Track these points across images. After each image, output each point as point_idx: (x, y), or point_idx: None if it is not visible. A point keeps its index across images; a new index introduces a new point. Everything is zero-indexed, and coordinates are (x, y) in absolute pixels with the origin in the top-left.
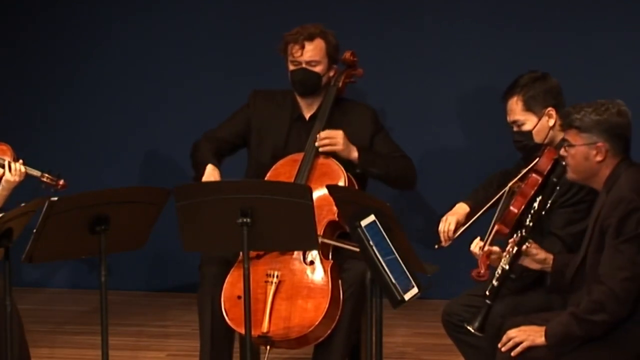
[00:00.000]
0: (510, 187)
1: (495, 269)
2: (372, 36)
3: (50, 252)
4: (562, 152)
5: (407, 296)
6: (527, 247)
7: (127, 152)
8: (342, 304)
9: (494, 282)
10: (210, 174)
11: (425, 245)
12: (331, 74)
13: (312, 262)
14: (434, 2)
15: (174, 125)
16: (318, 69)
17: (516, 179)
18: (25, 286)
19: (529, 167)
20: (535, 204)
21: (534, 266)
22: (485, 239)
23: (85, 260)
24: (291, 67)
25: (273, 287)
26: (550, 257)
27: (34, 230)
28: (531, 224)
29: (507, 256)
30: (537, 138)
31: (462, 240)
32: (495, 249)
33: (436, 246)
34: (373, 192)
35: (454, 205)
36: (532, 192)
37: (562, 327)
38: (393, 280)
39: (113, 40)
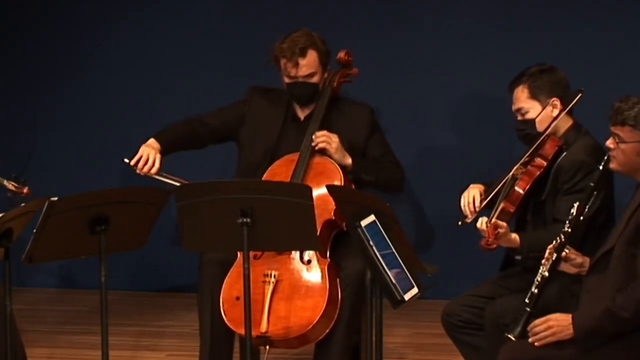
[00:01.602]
0: (513, 173)
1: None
2: (371, 36)
3: (50, 252)
4: (609, 143)
5: (407, 296)
6: (567, 253)
7: (127, 152)
8: (340, 303)
9: (534, 290)
10: (148, 143)
11: (423, 243)
12: (325, 75)
13: (309, 261)
14: (434, 2)
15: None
16: (315, 79)
17: (519, 163)
18: (26, 286)
19: (532, 151)
20: (574, 210)
21: (572, 271)
22: (491, 215)
23: (84, 260)
24: (287, 80)
25: (271, 287)
26: (587, 260)
27: (34, 230)
28: (570, 230)
29: (547, 263)
30: (540, 127)
31: (462, 240)
32: (502, 223)
33: (459, 223)
34: (372, 191)
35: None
36: (538, 174)
37: (595, 321)
38: (393, 280)
39: (113, 40)
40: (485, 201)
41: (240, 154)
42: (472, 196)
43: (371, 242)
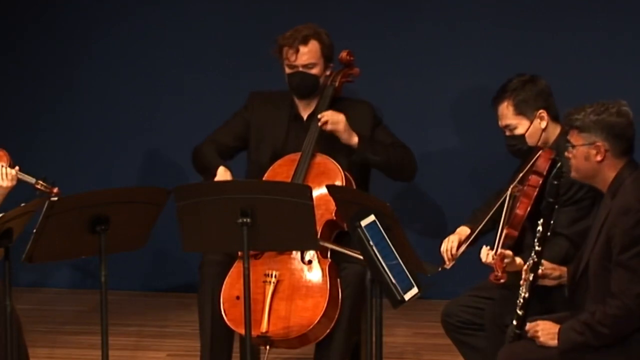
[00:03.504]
0: (511, 192)
1: (516, 274)
2: (370, 36)
3: (50, 252)
4: (566, 153)
5: (407, 296)
6: (543, 270)
7: (127, 152)
8: (341, 303)
9: (519, 312)
10: (223, 175)
11: (423, 243)
12: (327, 73)
13: (310, 262)
14: (432, 2)
15: (174, 126)
16: (315, 71)
17: (515, 182)
18: (25, 286)
19: (527, 169)
20: (540, 227)
21: (552, 283)
22: (496, 244)
23: (85, 260)
24: (288, 71)
25: (271, 287)
26: (564, 270)
27: (34, 230)
28: (540, 248)
29: (525, 284)
30: (530, 141)
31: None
32: (508, 252)
33: (439, 268)
34: (374, 191)
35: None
36: (535, 193)
37: (577, 335)
38: (393, 280)
39: (113, 41)
40: (464, 246)
41: (248, 157)
42: (451, 242)
43: (371, 242)
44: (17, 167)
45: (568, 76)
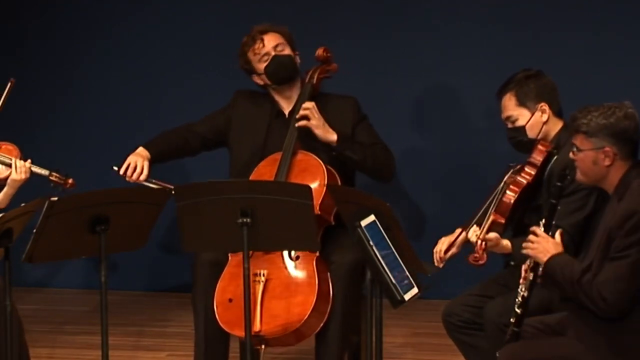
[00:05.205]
0: (505, 182)
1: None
2: (370, 36)
3: (50, 252)
4: (571, 155)
5: (407, 296)
6: (543, 270)
7: (127, 152)
8: (332, 297)
9: (517, 310)
10: (137, 152)
11: (423, 243)
12: (298, 60)
13: (297, 258)
14: (432, 2)
15: (174, 125)
16: (287, 52)
17: (510, 172)
18: (26, 286)
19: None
20: (541, 227)
21: None
22: (482, 227)
23: (85, 260)
24: (261, 66)
25: (261, 286)
26: None
27: (34, 230)
28: None
29: (525, 282)
30: (531, 133)
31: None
32: (491, 236)
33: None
34: (369, 189)
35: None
36: (526, 183)
37: (561, 277)
38: (393, 280)
39: (113, 40)
40: (454, 248)
41: (230, 155)
42: (441, 243)
43: (371, 242)
44: (29, 160)
45: (568, 75)
